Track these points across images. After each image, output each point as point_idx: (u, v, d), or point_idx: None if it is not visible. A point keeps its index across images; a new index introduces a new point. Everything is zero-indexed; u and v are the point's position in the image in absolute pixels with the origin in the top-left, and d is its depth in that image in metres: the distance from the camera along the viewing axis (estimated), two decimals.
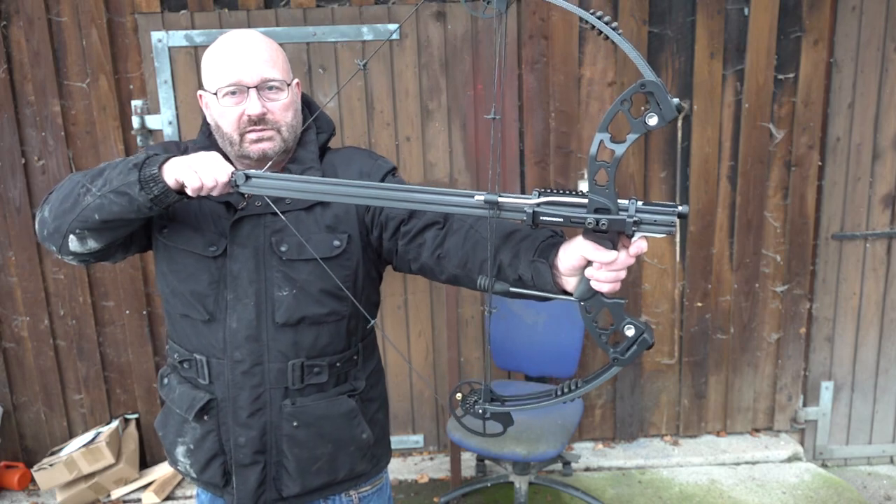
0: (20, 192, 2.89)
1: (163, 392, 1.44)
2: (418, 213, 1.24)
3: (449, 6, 2.82)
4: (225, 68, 1.25)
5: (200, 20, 2.77)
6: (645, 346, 0.99)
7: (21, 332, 3.02)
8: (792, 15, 2.90)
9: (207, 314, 1.32)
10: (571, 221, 0.96)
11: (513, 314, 2.87)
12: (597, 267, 0.99)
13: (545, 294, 1.06)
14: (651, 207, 0.94)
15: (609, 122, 0.93)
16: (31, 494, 3.03)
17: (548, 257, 1.06)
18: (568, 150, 2.96)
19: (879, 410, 3.31)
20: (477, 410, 1.06)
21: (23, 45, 2.77)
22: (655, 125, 0.90)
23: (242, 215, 1.29)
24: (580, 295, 1.02)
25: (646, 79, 0.89)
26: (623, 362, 1.00)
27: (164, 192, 1.15)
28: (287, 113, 1.29)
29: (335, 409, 1.36)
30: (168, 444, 1.43)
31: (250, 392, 1.32)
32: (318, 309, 1.31)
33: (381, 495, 1.51)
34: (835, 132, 3.02)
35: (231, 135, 1.27)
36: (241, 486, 1.36)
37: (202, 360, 1.34)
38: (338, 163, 1.37)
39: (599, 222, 0.95)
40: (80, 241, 1.21)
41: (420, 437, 3.25)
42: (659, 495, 2.94)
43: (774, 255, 3.12)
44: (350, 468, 1.40)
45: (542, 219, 0.97)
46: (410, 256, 1.26)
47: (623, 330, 1.00)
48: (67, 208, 1.19)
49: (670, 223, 0.93)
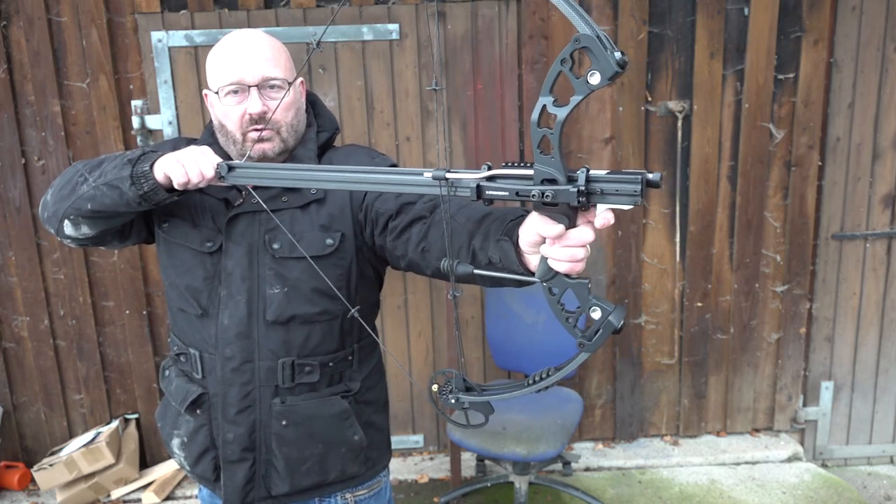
0: (20, 192, 2.89)
1: (163, 384, 1.46)
2: (405, 209, 1.23)
3: (449, 6, 2.82)
4: (227, 67, 1.26)
5: (200, 20, 2.77)
6: (611, 330, 0.90)
7: (21, 332, 3.02)
8: (792, 15, 2.90)
9: (201, 309, 1.33)
10: (518, 195, 0.90)
11: (513, 314, 2.87)
12: (550, 243, 0.91)
13: (508, 276, 1.01)
14: (613, 176, 0.85)
15: (552, 86, 0.84)
16: (31, 494, 3.03)
17: (511, 235, 1.02)
18: (568, 149, 2.96)
19: (879, 410, 3.31)
20: (450, 400, 1.03)
21: (23, 45, 2.77)
22: (598, 84, 0.81)
23: (238, 212, 1.30)
24: (541, 275, 0.95)
25: (580, 33, 0.80)
26: (590, 348, 0.93)
27: (154, 189, 1.17)
28: (288, 112, 1.29)
29: (326, 410, 1.35)
30: (165, 435, 1.46)
31: (240, 389, 1.33)
32: (309, 308, 1.31)
33: (379, 499, 1.50)
34: (835, 132, 3.02)
35: (234, 133, 1.28)
36: (228, 482, 1.36)
37: (196, 354, 1.36)
38: (336, 161, 1.38)
39: (544, 194, 0.87)
40: (74, 227, 1.26)
41: (420, 437, 3.25)
42: (659, 495, 2.94)
43: (774, 255, 3.12)
44: (341, 469, 1.40)
45: (488, 193, 0.92)
46: (398, 253, 1.25)
47: (589, 312, 0.92)
48: (65, 195, 1.24)
49: (634, 192, 0.84)
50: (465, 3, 2.83)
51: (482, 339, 3.12)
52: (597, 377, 3.22)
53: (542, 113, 0.86)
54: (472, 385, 1.04)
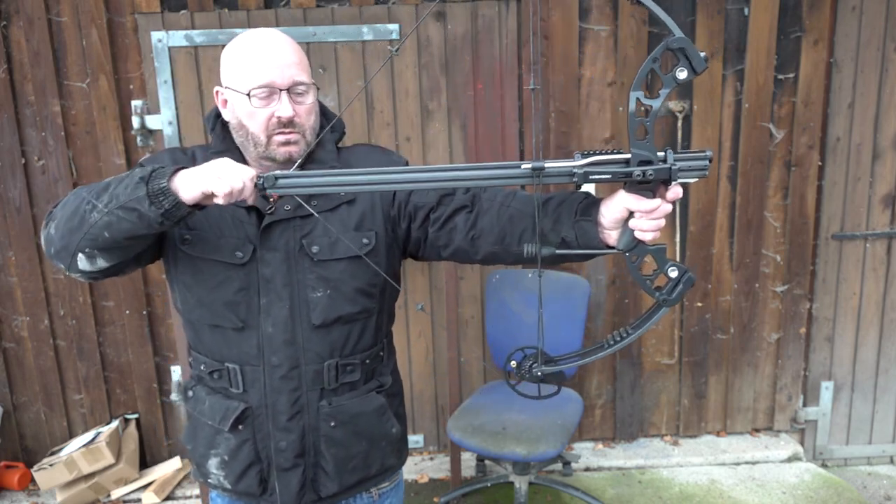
0: (20, 192, 2.89)
1: (189, 405, 1.42)
2: (446, 200, 1.29)
3: (449, 6, 2.82)
4: (256, 68, 1.23)
5: (200, 20, 2.77)
6: (690, 284, 1.07)
7: (21, 332, 3.02)
8: (792, 15, 2.90)
9: (240, 322, 1.30)
10: (618, 177, 1.03)
11: (513, 314, 2.87)
12: (639, 216, 1.07)
13: (590, 251, 1.14)
14: (685, 154, 1.04)
15: (643, 81, 1.01)
16: (31, 494, 3.03)
17: (591, 215, 1.13)
18: (568, 149, 2.96)
19: (879, 410, 3.31)
20: (535, 374, 1.14)
21: (23, 45, 2.77)
22: (685, 78, 1.01)
23: (272, 220, 1.28)
24: (624, 245, 1.09)
25: (675, 36, 1.00)
26: (671, 302, 1.09)
27: (175, 205, 1.10)
28: (311, 116, 1.29)
29: (368, 406, 1.38)
30: (198, 457, 1.41)
31: (288, 396, 1.33)
32: (351, 308, 1.33)
33: (397, 491, 1.55)
34: (835, 132, 3.02)
35: (258, 136, 1.26)
36: (283, 490, 1.36)
37: (235, 368, 1.33)
38: (354, 161, 1.37)
39: (647, 173, 1.02)
40: (90, 260, 1.17)
41: (420, 437, 3.25)
42: (659, 495, 2.94)
43: (774, 255, 3.12)
44: (381, 463, 1.43)
45: (592, 177, 1.04)
46: (441, 243, 1.30)
47: (668, 272, 1.08)
48: (74, 227, 1.14)
49: (703, 167, 1.03)
50: (465, 3, 2.83)
51: (482, 339, 3.12)
52: (597, 377, 3.22)
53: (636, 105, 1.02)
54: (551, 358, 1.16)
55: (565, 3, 2.83)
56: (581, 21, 2.87)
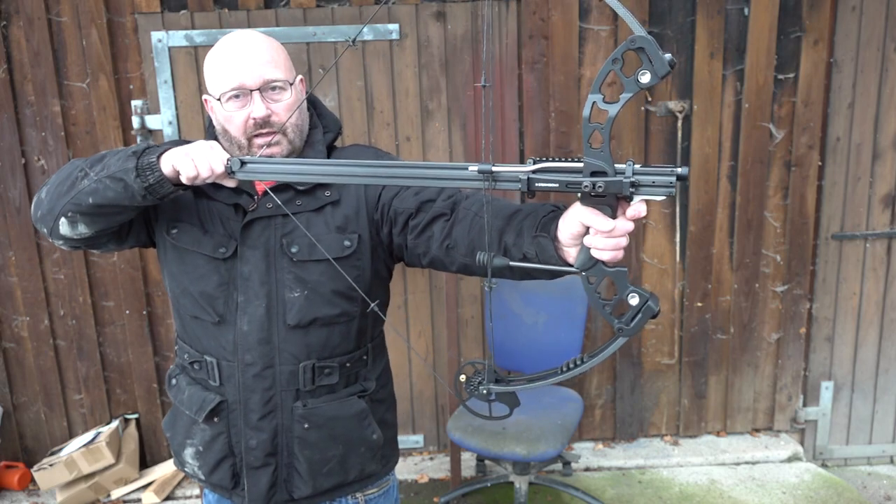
0: (20, 192, 2.89)
1: (171, 393, 1.43)
2: (425, 207, 1.24)
3: (449, 6, 2.82)
4: (226, 72, 1.24)
5: (200, 20, 2.77)
6: (650, 315, 0.95)
7: (21, 332, 3.02)
8: (792, 15, 2.90)
9: (217, 316, 1.31)
10: (567, 186, 0.93)
11: (513, 314, 2.87)
12: (594, 233, 0.95)
13: (546, 268, 1.04)
14: (649, 169, 0.91)
15: (601, 83, 0.89)
16: (31, 494, 3.03)
17: (549, 231, 1.05)
18: (568, 149, 2.96)
19: (879, 410, 3.31)
20: (482, 391, 1.04)
21: (23, 45, 2.77)
22: (648, 82, 0.87)
23: (253, 217, 1.29)
24: (581, 265, 0.99)
25: (636, 35, 0.85)
26: (629, 332, 0.97)
27: (160, 181, 1.15)
28: (291, 113, 1.28)
29: (346, 411, 1.36)
30: (176, 445, 1.42)
31: (261, 395, 1.32)
32: (329, 310, 1.31)
33: (387, 498, 1.51)
34: (835, 132, 3.02)
35: (239, 139, 1.27)
36: (252, 488, 1.35)
37: (212, 361, 1.34)
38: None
39: (596, 185, 0.91)
40: (71, 225, 1.21)
41: (420, 437, 3.25)
42: (659, 495, 2.94)
43: (774, 255, 3.12)
44: (360, 469, 1.41)
45: (538, 185, 0.95)
46: (420, 250, 1.26)
47: (627, 298, 0.96)
48: (63, 190, 1.19)
49: (669, 184, 0.90)
50: (465, 3, 2.83)
51: (482, 339, 3.12)
52: (597, 377, 3.22)
53: (592, 109, 0.90)
54: (502, 376, 1.06)
55: (565, 3, 2.83)
56: (581, 21, 2.87)
